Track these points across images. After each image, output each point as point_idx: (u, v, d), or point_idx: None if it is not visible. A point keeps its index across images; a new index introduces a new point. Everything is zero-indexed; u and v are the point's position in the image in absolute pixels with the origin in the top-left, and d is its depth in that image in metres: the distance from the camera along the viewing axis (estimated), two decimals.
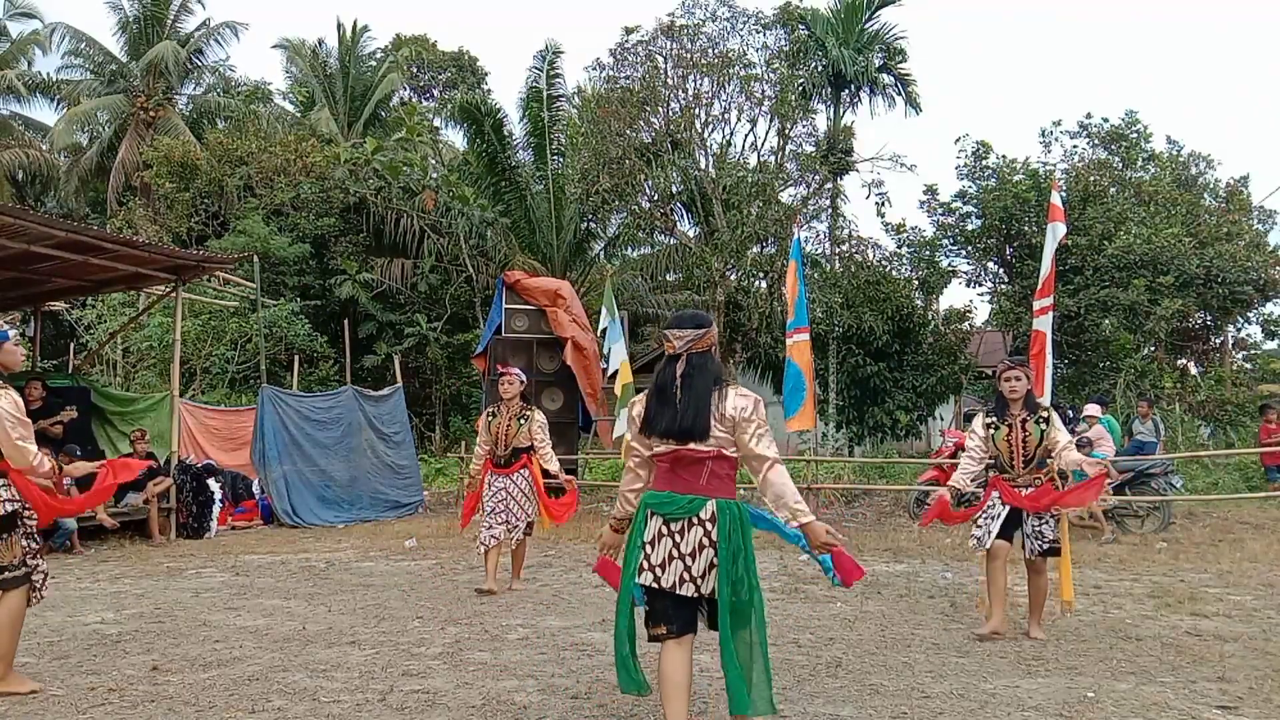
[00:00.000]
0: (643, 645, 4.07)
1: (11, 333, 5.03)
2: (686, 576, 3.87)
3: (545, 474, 7.93)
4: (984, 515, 6.29)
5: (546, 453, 7.89)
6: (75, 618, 6.82)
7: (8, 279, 12.10)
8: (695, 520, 3.88)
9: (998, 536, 6.14)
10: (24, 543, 4.93)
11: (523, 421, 7.85)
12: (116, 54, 31.16)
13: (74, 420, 11.71)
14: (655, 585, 3.90)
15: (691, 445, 3.89)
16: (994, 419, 6.31)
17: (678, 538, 3.89)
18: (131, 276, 12.67)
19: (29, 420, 4.91)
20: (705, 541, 3.87)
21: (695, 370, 3.96)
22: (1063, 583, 6.31)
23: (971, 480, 6.30)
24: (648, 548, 3.94)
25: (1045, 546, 6.14)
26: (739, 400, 3.90)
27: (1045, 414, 6.18)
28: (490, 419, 7.94)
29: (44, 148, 30.91)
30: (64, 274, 12.12)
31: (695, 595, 3.89)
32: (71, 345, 19.81)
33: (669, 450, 3.96)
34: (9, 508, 4.86)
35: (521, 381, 8.04)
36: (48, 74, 32.19)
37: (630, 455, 4.21)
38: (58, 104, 31.93)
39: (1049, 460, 6.15)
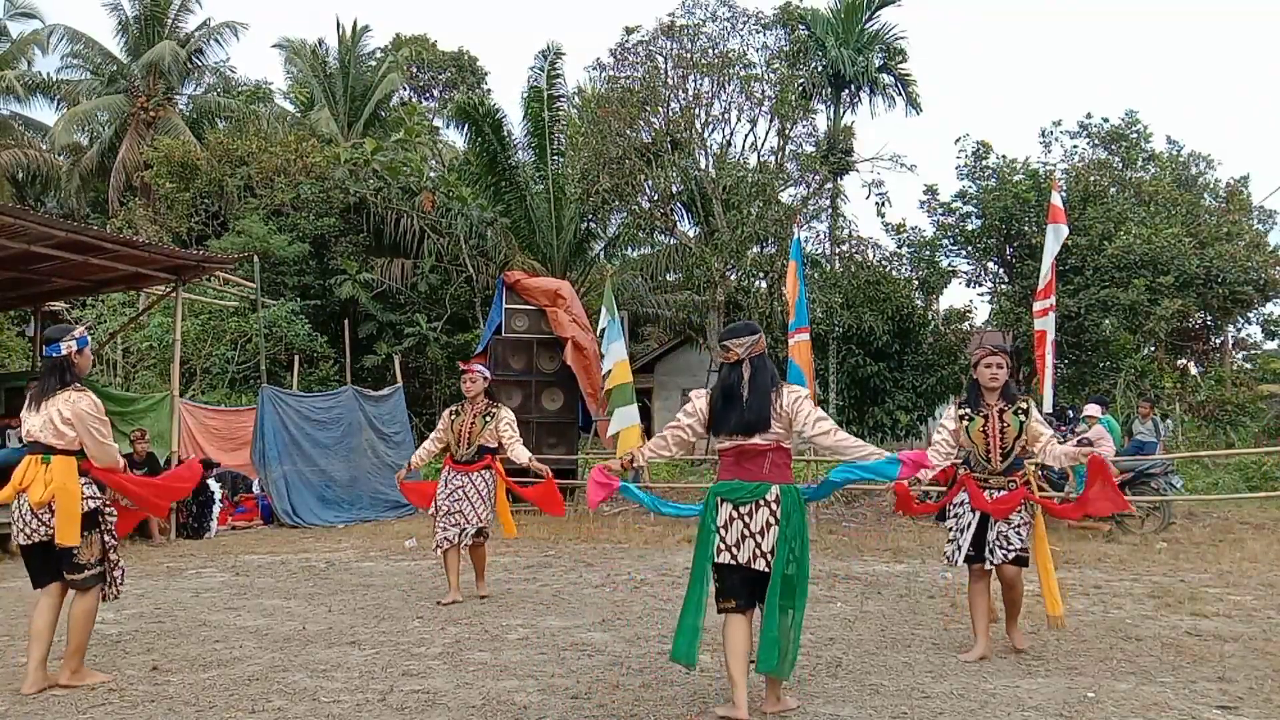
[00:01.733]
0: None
1: (89, 338, 5.22)
2: (759, 552, 4.42)
3: (524, 472, 7.42)
4: (953, 526, 5.74)
5: (515, 446, 7.38)
6: None
7: (8, 279, 12.10)
8: (762, 502, 4.46)
9: (971, 553, 5.62)
10: (104, 539, 5.08)
11: (488, 419, 7.46)
12: (116, 54, 31.18)
13: None
14: (732, 562, 4.45)
15: (754, 440, 4.47)
16: (967, 409, 5.71)
17: (747, 519, 4.45)
18: (131, 276, 12.68)
19: (108, 419, 5.08)
20: (771, 520, 4.45)
21: (758, 372, 4.56)
22: (1047, 597, 5.73)
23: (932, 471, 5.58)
24: (721, 531, 4.49)
25: (1012, 555, 5.52)
26: (790, 395, 4.53)
27: (1024, 404, 5.62)
28: (453, 417, 7.56)
29: (44, 148, 30.93)
30: (64, 274, 12.12)
31: (768, 570, 4.41)
32: None
33: (734, 445, 4.54)
34: (92, 505, 5.00)
35: (485, 379, 7.66)
36: (47, 74, 32.25)
37: (670, 428, 4.73)
38: (58, 104, 31.96)
39: (1025, 461, 5.65)
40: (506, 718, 4.53)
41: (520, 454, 7.30)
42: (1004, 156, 20.96)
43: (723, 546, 4.48)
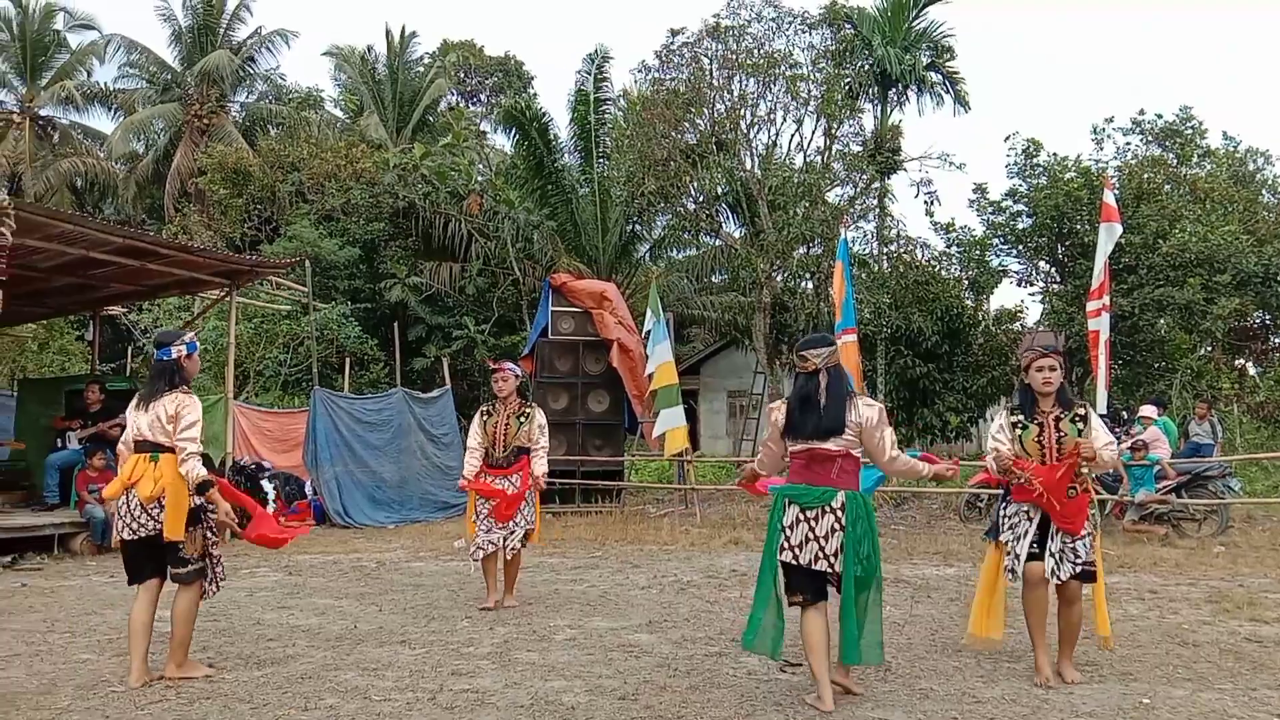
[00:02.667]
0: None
1: (198, 344, 5.46)
2: (820, 555, 4.68)
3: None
4: (1009, 534, 5.25)
5: (539, 457, 7.30)
6: None
7: (68, 284, 12.38)
8: (828, 509, 4.69)
9: (1030, 558, 5.16)
10: (206, 535, 5.28)
11: (523, 420, 7.28)
12: (171, 63, 31.82)
13: None
14: (794, 562, 4.72)
15: (825, 445, 4.72)
16: (1020, 416, 5.29)
17: (812, 523, 4.70)
18: (187, 281, 12.91)
19: (201, 426, 5.26)
20: (836, 526, 4.68)
21: (834, 380, 4.84)
22: (1097, 616, 5.23)
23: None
24: (787, 530, 4.76)
25: (1079, 569, 5.06)
26: (866, 410, 4.79)
27: (1082, 411, 5.19)
28: (485, 418, 7.36)
29: (102, 156, 31.61)
30: (122, 279, 12.37)
31: (828, 570, 4.68)
32: (129, 349, 20.23)
33: (805, 449, 4.79)
34: (195, 501, 5.20)
35: (517, 377, 7.46)
36: (105, 84, 32.96)
37: (764, 450, 5.17)
38: (114, 113, 32.64)
39: (1083, 469, 5.14)
40: (554, 717, 4.55)
41: (540, 467, 7.26)
42: (1055, 154, 20.70)
43: (786, 545, 4.74)
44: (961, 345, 21.04)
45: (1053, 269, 21.29)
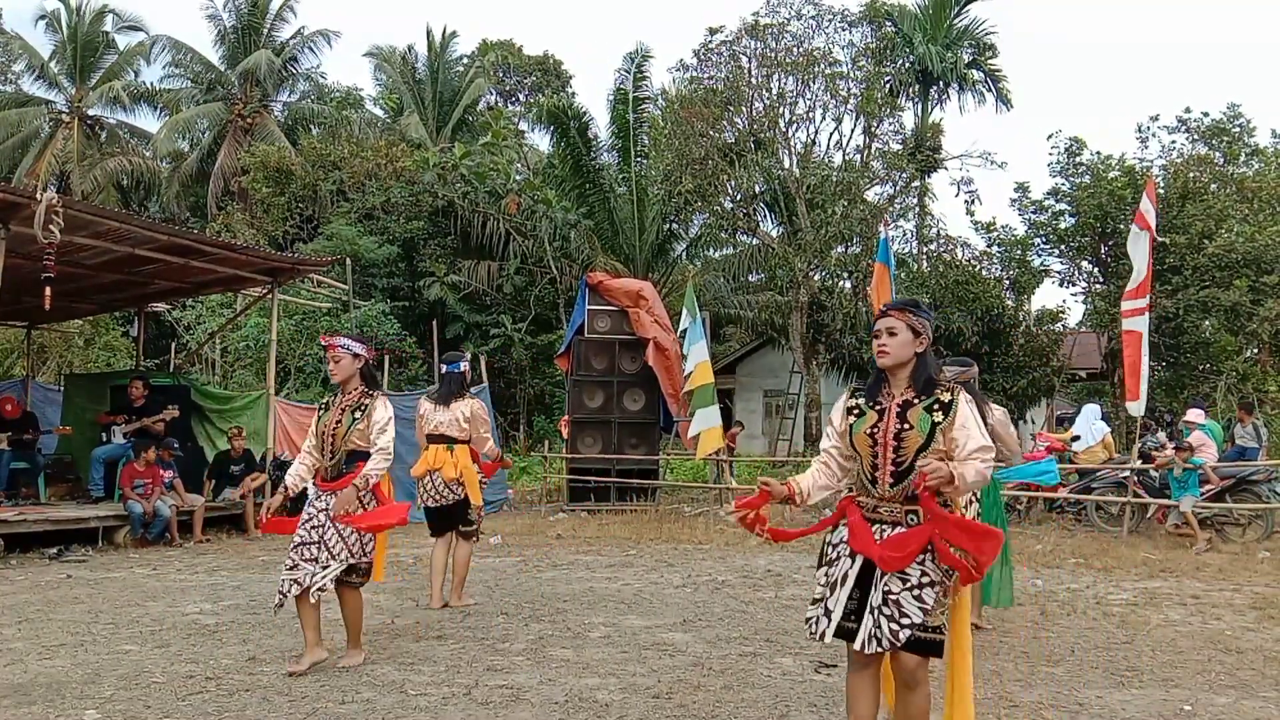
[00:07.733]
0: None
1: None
2: None
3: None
4: (821, 577, 3.71)
5: (377, 454, 5.31)
6: (175, 608, 7.07)
7: (114, 281, 12.60)
8: None
9: (846, 621, 3.56)
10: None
11: (358, 414, 5.37)
12: (215, 63, 32.26)
13: (175, 418, 12.17)
14: None
15: None
16: (860, 400, 3.73)
17: None
18: (230, 278, 13.11)
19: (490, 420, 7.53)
20: (972, 498, 5.86)
21: (972, 390, 5.84)
22: (952, 708, 3.69)
23: (821, 490, 3.79)
24: None
25: (905, 633, 3.44)
26: (997, 410, 6.42)
27: (947, 398, 3.58)
28: (320, 413, 5.61)
29: (147, 155, 32.12)
30: (166, 276, 12.57)
31: None
32: (173, 345, 20.54)
33: None
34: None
35: (356, 356, 5.50)
36: (151, 84, 33.49)
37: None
38: (160, 112, 33.15)
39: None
40: (588, 715, 4.57)
41: (374, 463, 5.29)
42: (1098, 153, 20.39)
43: None
44: (1002, 346, 20.82)
45: (1095, 269, 21.00)
